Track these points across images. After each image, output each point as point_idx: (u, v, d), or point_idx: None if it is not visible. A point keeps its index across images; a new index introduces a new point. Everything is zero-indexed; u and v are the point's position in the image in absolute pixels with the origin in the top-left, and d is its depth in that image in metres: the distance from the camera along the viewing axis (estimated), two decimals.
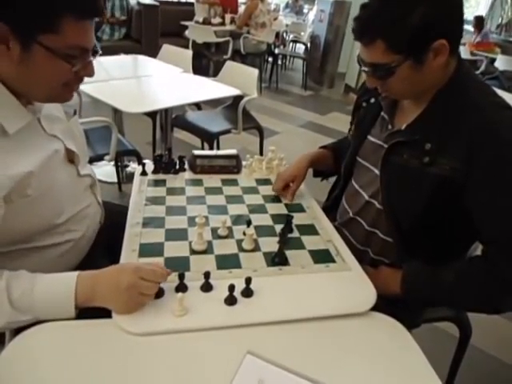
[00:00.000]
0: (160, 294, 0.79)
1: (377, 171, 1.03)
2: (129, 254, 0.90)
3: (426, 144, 0.89)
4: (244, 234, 0.99)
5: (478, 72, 4.98)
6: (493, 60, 5.43)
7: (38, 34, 0.69)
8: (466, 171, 0.84)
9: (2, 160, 0.73)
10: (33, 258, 0.86)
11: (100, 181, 1.08)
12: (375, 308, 0.83)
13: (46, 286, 0.74)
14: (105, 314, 0.75)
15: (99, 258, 1.00)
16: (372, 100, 1.10)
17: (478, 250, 1.08)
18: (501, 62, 5.17)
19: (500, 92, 0.93)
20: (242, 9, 5.49)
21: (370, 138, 1.08)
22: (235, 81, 2.42)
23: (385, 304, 0.85)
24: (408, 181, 0.94)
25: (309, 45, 6.14)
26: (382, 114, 1.06)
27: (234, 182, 1.27)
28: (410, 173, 0.93)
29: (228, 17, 5.36)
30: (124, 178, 2.60)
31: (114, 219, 1.07)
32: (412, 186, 0.93)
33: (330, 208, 1.23)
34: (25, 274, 0.76)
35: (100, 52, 0.80)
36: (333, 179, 1.34)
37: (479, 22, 6.17)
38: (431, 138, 0.89)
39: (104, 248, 1.04)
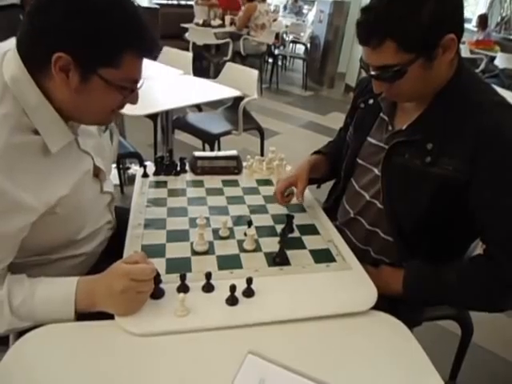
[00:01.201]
0: (161, 294, 0.80)
1: (377, 172, 1.03)
2: None
3: (428, 144, 0.89)
4: (245, 234, 0.99)
5: (477, 70, 4.97)
6: (492, 58, 5.41)
7: (99, 67, 0.70)
8: (470, 171, 0.84)
9: (42, 183, 0.74)
10: (48, 268, 0.87)
11: None
12: (376, 307, 0.83)
13: (46, 293, 0.75)
14: (107, 315, 0.75)
15: (101, 260, 1.01)
16: (371, 101, 1.08)
17: (477, 249, 1.09)
18: (500, 60, 5.14)
19: (500, 90, 0.93)
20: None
21: (370, 139, 1.07)
22: (235, 82, 2.42)
23: (386, 303, 0.85)
24: (409, 181, 0.94)
25: (308, 45, 6.14)
26: (382, 115, 1.05)
27: (235, 183, 1.27)
28: (411, 173, 0.92)
29: (228, 18, 5.37)
30: (126, 181, 2.60)
31: (116, 221, 1.07)
32: (413, 186, 0.93)
33: (331, 209, 1.23)
34: (26, 280, 0.76)
35: (144, 80, 0.81)
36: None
37: (483, 20, 6.08)
38: (433, 137, 0.89)
39: (106, 250, 1.04)
